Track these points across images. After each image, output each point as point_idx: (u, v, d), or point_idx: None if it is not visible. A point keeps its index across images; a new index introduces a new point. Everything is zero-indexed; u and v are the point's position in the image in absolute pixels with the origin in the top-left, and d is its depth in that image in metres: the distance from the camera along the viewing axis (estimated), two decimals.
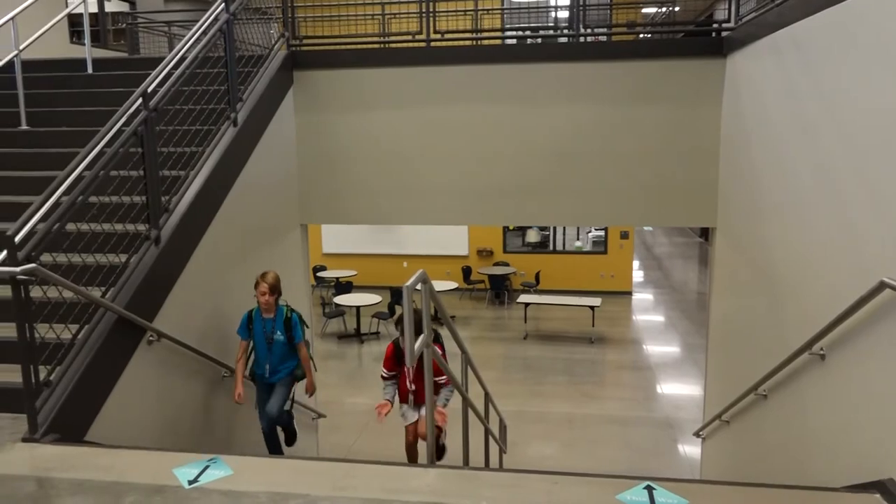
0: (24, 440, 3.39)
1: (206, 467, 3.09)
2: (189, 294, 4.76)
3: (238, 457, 3.29)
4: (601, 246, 17.10)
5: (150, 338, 4.26)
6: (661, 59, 6.57)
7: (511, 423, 7.69)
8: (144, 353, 4.23)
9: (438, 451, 5.42)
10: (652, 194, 6.75)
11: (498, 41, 10.98)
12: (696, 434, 7.22)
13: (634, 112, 6.65)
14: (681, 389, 11.08)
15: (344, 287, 15.22)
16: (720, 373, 6.71)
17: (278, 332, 5.17)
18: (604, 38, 9.45)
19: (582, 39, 7.46)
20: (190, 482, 2.98)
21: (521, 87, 6.83)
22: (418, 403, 5.53)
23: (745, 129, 5.70)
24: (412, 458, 5.58)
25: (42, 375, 3.49)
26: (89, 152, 3.97)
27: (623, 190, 6.78)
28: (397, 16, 9.36)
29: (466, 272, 16.60)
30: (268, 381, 5.29)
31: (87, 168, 3.94)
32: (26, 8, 6.06)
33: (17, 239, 3.30)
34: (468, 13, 9.67)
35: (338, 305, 14.05)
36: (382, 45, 8.38)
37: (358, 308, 13.72)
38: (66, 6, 8.44)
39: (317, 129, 7.02)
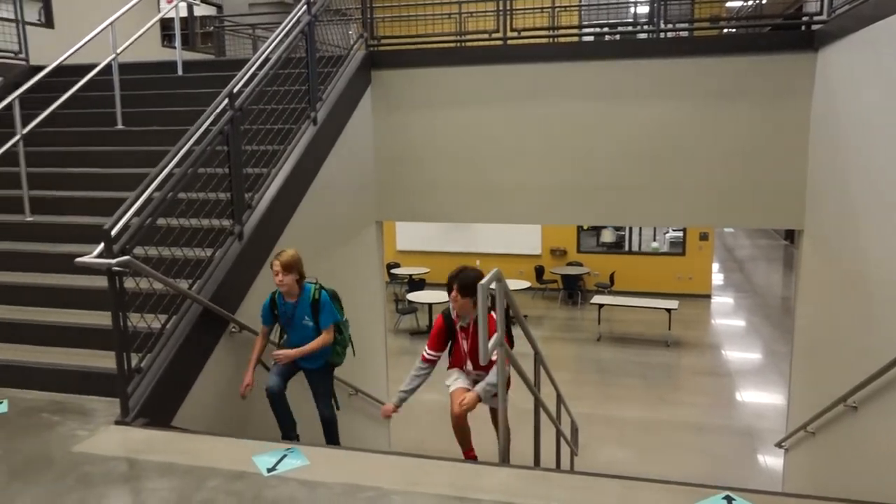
0: (117, 423, 3.58)
1: (284, 456, 3.18)
2: (269, 288, 4.90)
3: (313, 447, 3.38)
4: (679, 247, 16.64)
5: (233, 329, 4.43)
6: (746, 54, 6.33)
7: (582, 425, 7.58)
8: (227, 343, 4.39)
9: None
10: (734, 194, 6.52)
11: (575, 38, 10.84)
12: (779, 445, 6.93)
13: (716, 109, 6.44)
14: (762, 398, 10.66)
15: (417, 284, 15.37)
16: (806, 382, 6.41)
17: (306, 318, 4.42)
18: (685, 34, 9.18)
19: (662, 35, 7.26)
20: (268, 470, 3.08)
21: (599, 84, 6.72)
22: (477, 371, 4.37)
23: (837, 127, 5.43)
24: (462, 436, 4.36)
25: (133, 362, 3.68)
26: (179, 151, 4.16)
27: (703, 190, 6.58)
28: (474, 14, 9.36)
29: (539, 271, 16.47)
30: (302, 366, 4.62)
31: (177, 166, 4.13)
32: (123, 14, 6.39)
33: (113, 233, 3.48)
34: (545, 10, 9.59)
35: (410, 302, 14.20)
36: (459, 44, 8.41)
37: (430, 305, 13.83)
38: (159, 11, 8.85)
39: (393, 127, 7.11)
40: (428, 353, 4.40)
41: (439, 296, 13.98)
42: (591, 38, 11.10)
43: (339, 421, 4.83)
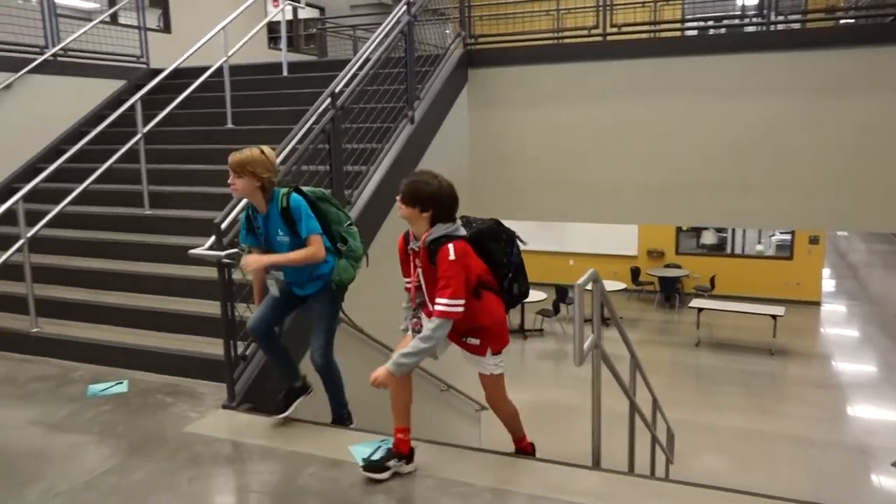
0: (224, 407, 3.78)
1: (378, 447, 3.25)
2: (364, 283, 5.02)
3: (414, 443, 3.43)
4: (786, 250, 15.80)
5: None
6: (866, 46, 5.93)
7: (678, 432, 7.34)
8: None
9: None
10: (849, 196, 6.13)
11: (678, 33, 10.48)
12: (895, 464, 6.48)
13: (832, 105, 6.08)
14: (877, 413, 9.98)
15: None
16: None
17: (280, 232, 3.41)
18: (797, 26, 8.71)
19: (772, 28, 6.91)
20: (364, 460, 3.16)
21: (702, 80, 6.48)
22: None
23: None
24: (397, 408, 3.17)
25: (239, 350, 3.86)
26: (283, 149, 4.33)
27: (815, 190, 6.23)
28: (572, 11, 9.23)
29: (635, 273, 16.07)
30: (296, 292, 3.56)
31: (282, 163, 4.29)
32: (234, 19, 6.72)
33: (223, 226, 3.67)
34: (647, 5, 9.33)
35: None
36: (556, 41, 8.31)
37: (522, 304, 13.76)
38: (266, 15, 9.24)
39: (489, 125, 7.12)
40: (405, 282, 3.35)
41: (532, 294, 13.85)
42: (693, 33, 10.70)
43: (414, 405, 3.35)
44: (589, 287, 3.06)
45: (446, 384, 6.54)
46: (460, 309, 2.95)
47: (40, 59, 6.87)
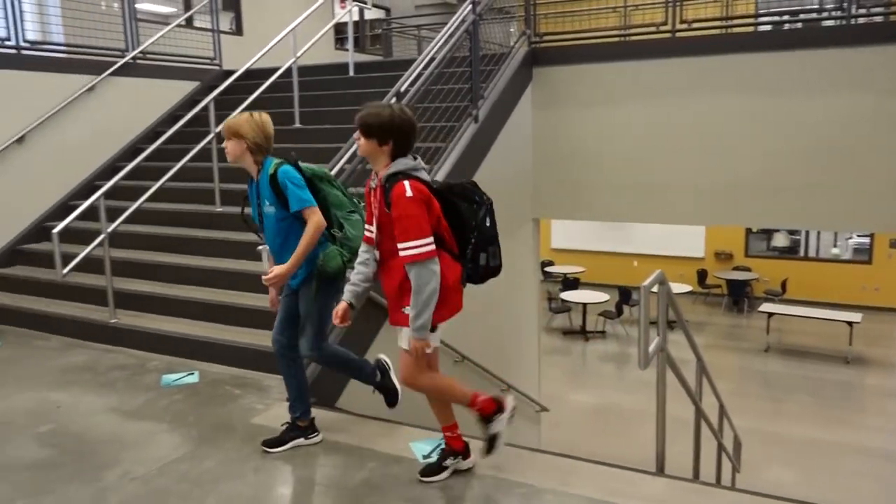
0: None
1: (439, 445, 3.27)
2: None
3: (467, 438, 3.44)
4: (864, 254, 15.09)
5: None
6: None
7: (745, 441, 7.13)
8: (387, 332, 4.56)
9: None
10: None
11: (751, 28, 10.15)
12: None
13: None
14: None
15: (571, 283, 15.17)
16: None
17: (267, 202, 3.23)
18: (879, 19, 8.31)
19: (853, 21, 6.60)
20: (424, 457, 3.19)
21: (777, 76, 6.25)
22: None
23: None
24: (436, 409, 3.16)
25: None
26: (349, 149, 4.40)
27: None
28: (640, 7, 9.05)
29: (701, 275, 15.65)
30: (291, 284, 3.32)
31: (347, 162, 4.37)
32: (303, 21, 6.87)
33: None
34: (718, 0, 9.07)
35: (564, 301, 14.05)
36: (623, 39, 8.18)
37: (584, 305, 13.60)
38: (333, 17, 9.41)
39: (554, 124, 7.07)
40: (366, 229, 3.04)
41: (594, 296, 13.72)
42: (768, 28, 10.35)
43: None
44: (655, 289, 3.00)
45: (506, 384, 6.52)
46: (431, 247, 2.66)
47: (121, 62, 7.19)
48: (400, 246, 2.67)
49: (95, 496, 2.96)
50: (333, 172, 4.22)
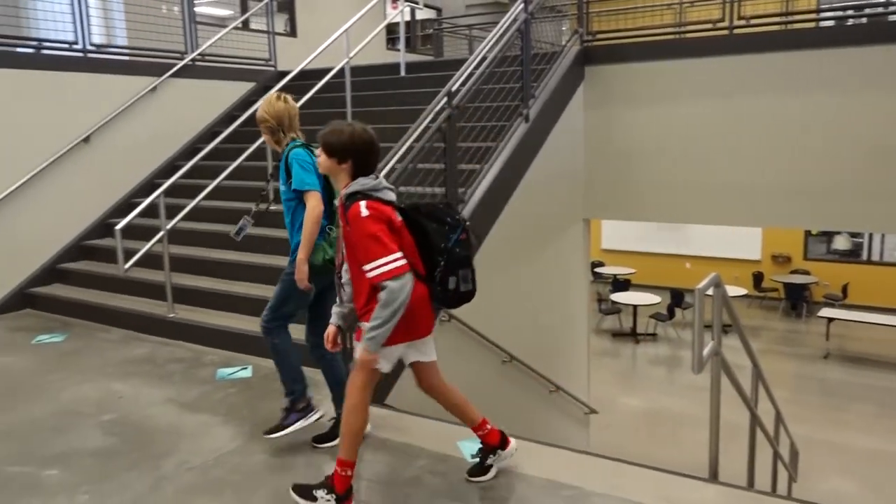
0: None
1: None
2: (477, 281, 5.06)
3: (515, 439, 3.44)
4: None
5: (442, 318, 4.64)
6: None
7: (802, 449, 6.91)
8: (436, 331, 4.59)
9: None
10: None
11: (812, 24, 9.83)
12: None
13: None
14: None
15: (621, 284, 14.96)
16: None
17: (281, 181, 3.42)
18: None
19: None
20: (472, 456, 3.19)
21: (839, 74, 6.05)
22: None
23: None
24: (455, 411, 3.15)
25: None
26: (400, 147, 4.44)
27: None
28: (696, 4, 8.86)
29: (757, 278, 15.23)
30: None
31: (398, 162, 4.41)
32: (355, 22, 6.95)
33: None
34: None
35: (614, 303, 13.86)
36: (678, 36, 8.02)
37: (635, 307, 13.39)
38: (385, 17, 9.49)
39: (606, 123, 6.98)
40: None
41: (645, 297, 13.49)
42: (830, 24, 10.01)
43: (521, 405, 3.72)
44: (710, 292, 2.94)
45: (555, 385, 6.48)
46: (400, 262, 2.57)
47: (180, 63, 7.40)
48: (366, 268, 2.61)
49: (153, 484, 3.06)
50: (384, 172, 4.26)
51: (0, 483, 3.10)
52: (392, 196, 2.77)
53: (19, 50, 6.41)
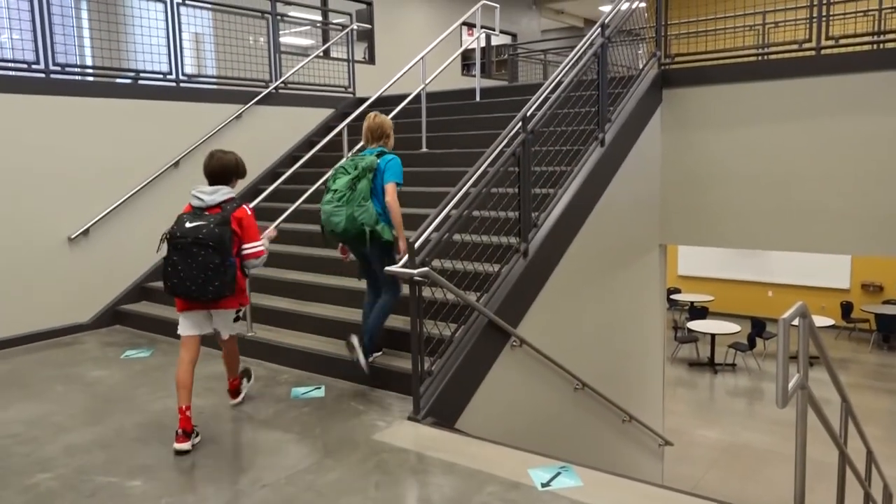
0: (409, 419, 3.95)
1: (558, 473, 3.22)
2: (549, 306, 5.03)
3: (588, 469, 3.37)
4: None
5: (513, 343, 4.61)
6: None
7: None
8: (507, 356, 4.58)
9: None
10: None
11: None
12: None
13: None
14: None
15: (699, 312, 14.49)
16: None
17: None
18: None
19: None
20: (543, 485, 3.14)
21: None
22: None
23: None
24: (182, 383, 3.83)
25: (425, 365, 4.02)
26: (475, 172, 4.47)
27: None
28: (780, 24, 8.60)
29: (846, 308, 14.46)
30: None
31: (472, 186, 4.44)
32: (432, 49, 7.09)
33: (416, 245, 3.86)
34: (869, 13, 8.45)
35: (691, 331, 13.43)
36: (761, 58, 7.79)
37: (713, 336, 12.93)
38: (461, 44, 9.63)
39: (684, 147, 6.83)
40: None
41: (724, 326, 13.02)
42: None
43: (593, 434, 4.30)
44: (796, 322, 2.81)
45: (628, 414, 6.31)
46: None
47: (264, 91, 7.72)
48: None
49: (231, 499, 3.15)
50: (460, 195, 4.32)
51: (90, 492, 3.25)
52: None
53: (118, 80, 6.83)
